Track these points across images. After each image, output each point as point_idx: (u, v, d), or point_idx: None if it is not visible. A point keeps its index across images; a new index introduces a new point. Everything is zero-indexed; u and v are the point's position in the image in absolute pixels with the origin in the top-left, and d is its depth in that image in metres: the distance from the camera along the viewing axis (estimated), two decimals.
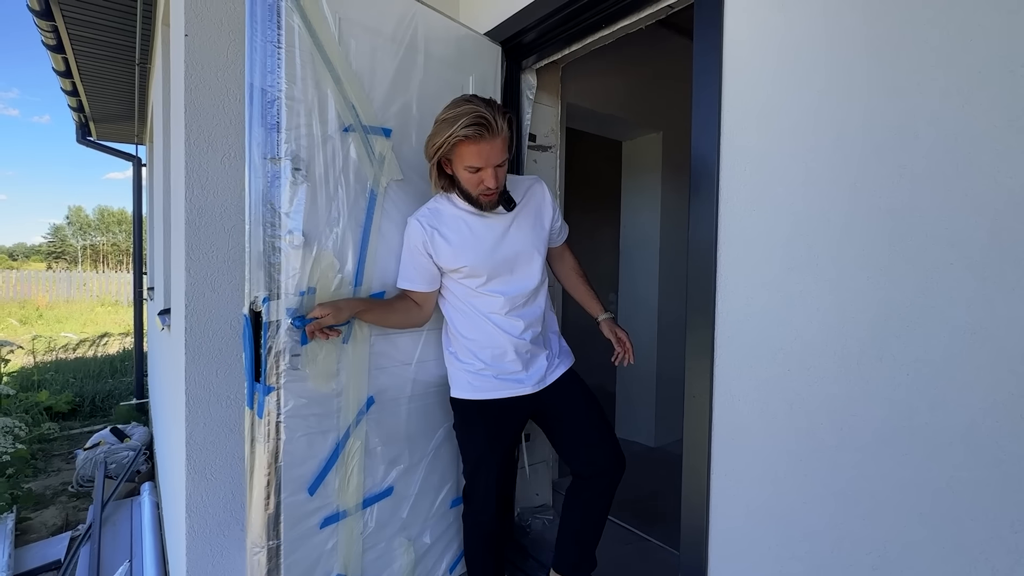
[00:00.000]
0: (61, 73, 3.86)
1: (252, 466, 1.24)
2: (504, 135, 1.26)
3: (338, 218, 1.32)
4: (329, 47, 1.28)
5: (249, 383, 1.23)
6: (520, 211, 1.41)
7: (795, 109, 1.03)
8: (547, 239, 1.47)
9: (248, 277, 1.21)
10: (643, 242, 3.41)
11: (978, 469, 0.82)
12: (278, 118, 1.20)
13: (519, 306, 1.40)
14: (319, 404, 1.32)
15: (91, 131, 5.24)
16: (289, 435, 1.26)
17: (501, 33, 1.81)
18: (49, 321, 11.63)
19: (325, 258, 1.30)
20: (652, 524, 2.23)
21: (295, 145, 1.23)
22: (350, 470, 1.40)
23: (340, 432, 1.37)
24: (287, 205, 1.23)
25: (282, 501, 1.26)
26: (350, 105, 1.34)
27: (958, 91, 0.83)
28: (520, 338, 1.39)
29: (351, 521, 1.41)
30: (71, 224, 41.78)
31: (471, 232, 1.36)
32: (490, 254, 1.36)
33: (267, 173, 1.21)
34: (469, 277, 1.37)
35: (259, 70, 1.19)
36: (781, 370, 1.06)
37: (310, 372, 1.29)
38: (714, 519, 1.18)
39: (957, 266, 0.84)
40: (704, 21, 1.19)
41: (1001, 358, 0.79)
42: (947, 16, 0.84)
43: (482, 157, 1.24)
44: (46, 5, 2.84)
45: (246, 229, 1.20)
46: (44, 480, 3.70)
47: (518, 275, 1.40)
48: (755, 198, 1.10)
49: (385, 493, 1.49)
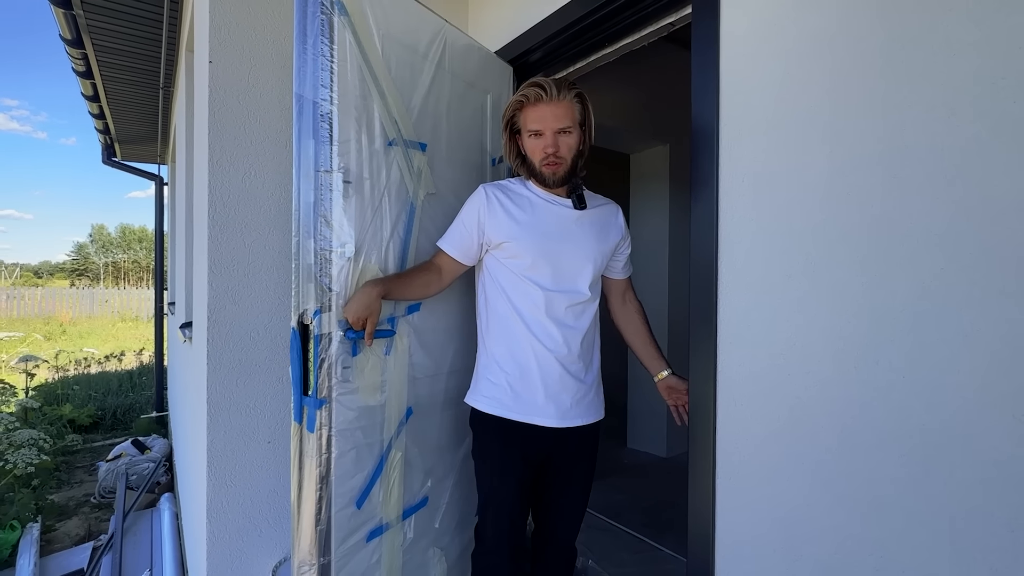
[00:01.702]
0: (89, 97, 4.03)
1: (300, 481, 1.21)
2: (567, 103, 1.28)
3: (383, 230, 1.35)
4: (375, 62, 1.32)
5: (297, 397, 1.21)
6: (587, 216, 1.36)
7: (790, 123, 1.07)
8: (607, 257, 1.39)
9: (297, 290, 1.20)
10: (651, 253, 3.44)
11: (975, 469, 0.84)
12: (331, 131, 1.22)
13: (558, 312, 1.31)
14: (367, 416, 1.31)
15: (116, 152, 5.43)
16: (339, 449, 1.25)
17: (509, 52, 1.88)
18: (72, 336, 11.92)
19: (370, 270, 1.32)
20: (663, 533, 2.23)
21: (345, 158, 1.25)
22: (392, 481, 1.39)
23: (384, 444, 1.37)
24: (339, 217, 1.24)
25: (332, 516, 1.23)
26: (393, 120, 1.37)
27: (944, 103, 0.87)
28: (552, 352, 1.30)
29: (393, 533, 1.40)
30: (94, 242, 42.84)
31: (533, 211, 1.34)
32: (543, 236, 1.31)
33: (319, 186, 1.21)
34: (514, 257, 1.32)
35: (310, 83, 1.20)
36: (782, 375, 1.08)
37: (359, 384, 1.29)
38: (720, 524, 1.20)
39: (949, 271, 0.86)
40: (701, 39, 1.24)
41: (994, 360, 0.82)
42: (931, 32, 0.88)
43: (541, 120, 1.27)
44: (77, 34, 2.99)
45: (293, 242, 1.21)
46: (67, 491, 3.79)
47: (564, 274, 1.32)
48: (754, 208, 1.13)
49: (421, 503, 1.49)
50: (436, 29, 1.51)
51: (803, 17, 1.05)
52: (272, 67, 1.66)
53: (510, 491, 1.32)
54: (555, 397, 1.30)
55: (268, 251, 1.65)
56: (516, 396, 1.31)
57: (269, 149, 1.65)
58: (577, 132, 1.31)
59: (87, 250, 42.91)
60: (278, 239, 1.66)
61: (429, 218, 1.48)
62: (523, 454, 1.32)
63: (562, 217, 1.35)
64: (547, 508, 1.42)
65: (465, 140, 1.64)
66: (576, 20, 1.61)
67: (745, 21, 1.16)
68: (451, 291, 1.57)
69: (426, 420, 1.50)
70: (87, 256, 42.51)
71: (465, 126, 1.64)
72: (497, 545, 1.34)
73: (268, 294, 1.65)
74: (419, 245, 1.45)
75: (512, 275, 1.33)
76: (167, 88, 3.80)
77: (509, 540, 1.33)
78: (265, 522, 1.64)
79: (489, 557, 1.36)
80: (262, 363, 1.63)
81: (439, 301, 1.54)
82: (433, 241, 1.44)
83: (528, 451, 1.32)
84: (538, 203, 1.35)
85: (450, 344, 1.57)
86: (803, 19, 1.05)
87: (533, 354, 1.31)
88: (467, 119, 1.65)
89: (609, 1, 1.49)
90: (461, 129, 1.62)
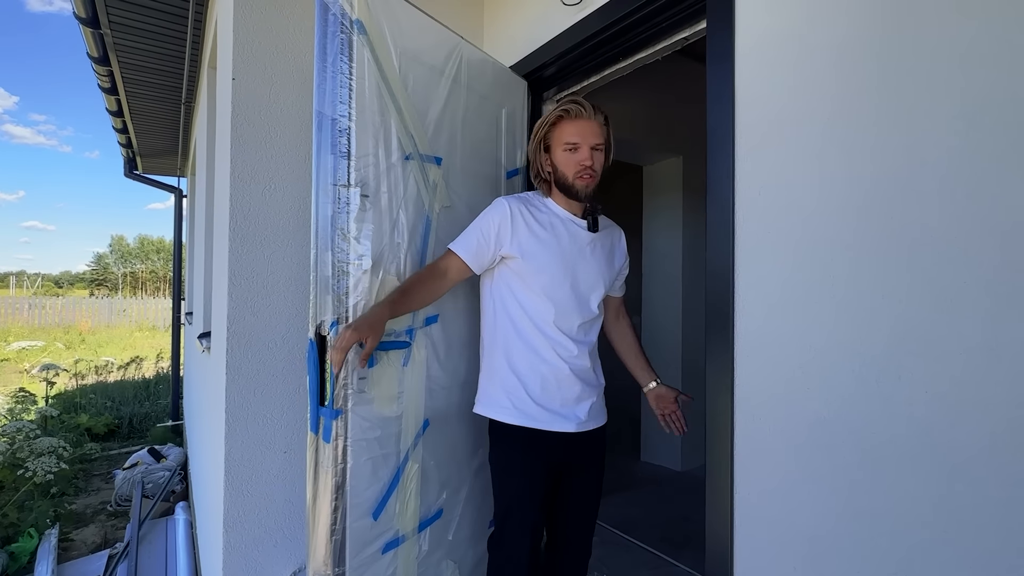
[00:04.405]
0: (113, 112, 4.15)
1: (316, 491, 1.21)
2: (600, 123, 1.36)
3: (400, 243, 1.37)
4: (392, 79, 1.35)
5: (313, 407, 1.22)
6: (597, 240, 1.43)
7: (807, 136, 1.07)
8: (613, 279, 1.48)
9: (314, 301, 1.22)
10: (665, 264, 3.43)
11: (1000, 488, 0.82)
12: (349, 146, 1.25)
13: (572, 328, 1.36)
14: (382, 427, 1.32)
15: (137, 165, 5.57)
16: (355, 459, 1.25)
17: (523, 67, 1.90)
18: (91, 345, 12.13)
19: (389, 283, 1.33)
20: (680, 549, 2.19)
21: (364, 172, 1.27)
22: (408, 493, 1.39)
23: (401, 455, 1.37)
24: (356, 230, 1.26)
25: (348, 527, 1.24)
26: (409, 134, 1.39)
27: (961, 116, 0.86)
28: (568, 363, 1.35)
29: (409, 545, 1.40)
30: (113, 252, 43.69)
31: (553, 230, 1.38)
32: (562, 256, 1.36)
33: (337, 199, 1.24)
34: (534, 273, 1.34)
35: (329, 100, 1.23)
36: (801, 389, 1.07)
37: (375, 395, 1.30)
38: (738, 539, 1.18)
39: (971, 285, 0.85)
40: (716, 54, 1.25)
41: (1019, 375, 0.80)
42: (949, 47, 0.88)
43: (580, 134, 1.33)
44: (104, 52, 3.09)
45: (312, 254, 1.23)
46: (84, 499, 3.84)
47: (579, 292, 1.38)
48: (770, 222, 1.13)
49: (436, 516, 1.49)
50: (452, 46, 1.54)
51: (817, 31, 1.06)
52: (292, 83, 1.70)
53: (535, 499, 1.34)
54: (572, 404, 1.36)
55: (286, 263, 1.67)
56: (537, 405, 1.34)
57: (288, 163, 1.69)
58: (603, 152, 1.38)
59: (106, 260, 43.76)
60: (295, 252, 1.69)
61: (444, 230, 1.50)
62: (545, 461, 1.36)
63: (578, 238, 1.40)
64: (564, 514, 1.44)
65: (480, 153, 1.67)
66: (590, 36, 1.63)
67: (760, 35, 1.16)
68: (465, 302, 1.58)
69: (442, 432, 1.51)
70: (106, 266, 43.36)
71: (480, 140, 1.66)
72: (517, 553, 1.35)
73: (285, 306, 1.67)
74: (435, 257, 1.46)
75: (529, 290, 1.36)
76: (189, 103, 3.90)
77: (529, 548, 1.34)
78: (280, 532, 1.65)
79: (509, 566, 1.36)
80: (279, 374, 1.65)
81: (456, 313, 1.55)
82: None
83: (550, 458, 1.36)
84: (558, 222, 1.40)
85: (463, 355, 1.59)
86: (817, 32, 1.06)
87: (552, 365, 1.35)
88: (482, 133, 1.68)
89: (623, 17, 1.51)
90: (476, 143, 1.64)
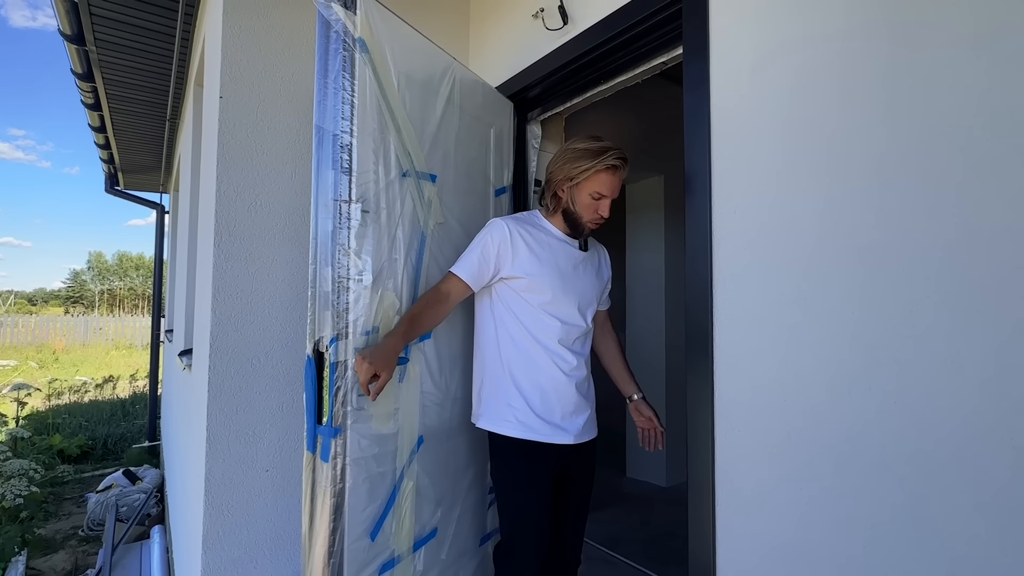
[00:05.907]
0: (96, 128, 4.12)
1: (313, 512, 1.20)
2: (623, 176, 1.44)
3: (397, 259, 1.39)
4: (392, 96, 1.38)
5: (310, 426, 1.22)
6: (587, 259, 1.52)
7: (780, 156, 1.12)
8: (602, 294, 1.57)
9: (312, 317, 1.22)
10: (648, 279, 3.48)
11: (970, 494, 0.85)
12: (350, 162, 1.27)
13: (569, 341, 1.43)
14: (380, 445, 1.32)
15: (119, 181, 5.50)
16: (354, 479, 1.24)
17: (508, 88, 1.95)
18: (65, 364, 11.79)
19: (387, 298, 1.35)
20: (665, 564, 2.19)
21: (364, 188, 1.29)
22: (403, 512, 1.38)
23: (396, 473, 1.37)
24: (357, 246, 1.27)
25: (346, 548, 1.22)
26: (406, 152, 1.42)
27: (921, 139, 0.92)
28: (571, 376, 1.42)
29: (404, 565, 1.39)
30: (91, 269, 42.76)
31: (551, 249, 1.45)
32: (560, 274, 1.43)
33: (338, 214, 1.25)
34: (533, 292, 1.41)
35: (330, 115, 1.25)
36: (779, 401, 1.10)
37: (374, 413, 1.30)
38: (720, 550, 1.20)
39: (934, 299, 0.89)
40: (692, 78, 1.30)
41: (980, 386, 0.84)
42: (908, 71, 0.94)
43: (611, 187, 1.40)
44: (88, 69, 3.08)
45: (311, 269, 1.24)
46: (55, 524, 3.71)
47: (575, 308, 1.45)
48: (746, 240, 1.17)
49: (431, 535, 1.48)
50: (446, 66, 1.59)
51: (790, 55, 1.11)
52: (280, 102, 1.72)
53: (543, 508, 1.39)
54: (571, 417, 1.43)
55: (271, 280, 1.67)
56: (539, 418, 1.40)
57: (275, 181, 1.70)
58: None
59: (83, 277, 42.79)
60: (281, 268, 1.69)
61: (438, 246, 1.53)
62: (548, 472, 1.41)
63: (572, 256, 1.49)
64: (558, 525, 1.48)
65: (471, 171, 1.71)
66: (573, 59, 1.68)
67: (734, 60, 1.22)
68: (456, 318, 1.59)
69: (435, 448, 1.51)
70: (83, 283, 42.36)
71: (471, 158, 1.71)
72: (528, 563, 1.39)
73: (270, 322, 1.66)
74: (429, 273, 1.49)
75: (529, 307, 1.43)
76: (173, 120, 3.89)
77: (538, 556, 1.39)
78: (262, 554, 1.62)
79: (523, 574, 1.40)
80: (262, 391, 1.64)
81: (448, 329, 1.56)
82: (442, 269, 1.49)
83: (552, 469, 1.42)
84: (555, 242, 1.47)
85: (454, 371, 1.60)
86: (790, 57, 1.11)
87: (553, 379, 1.41)
88: (473, 151, 1.72)
89: (604, 42, 1.57)
90: (468, 161, 1.68)
